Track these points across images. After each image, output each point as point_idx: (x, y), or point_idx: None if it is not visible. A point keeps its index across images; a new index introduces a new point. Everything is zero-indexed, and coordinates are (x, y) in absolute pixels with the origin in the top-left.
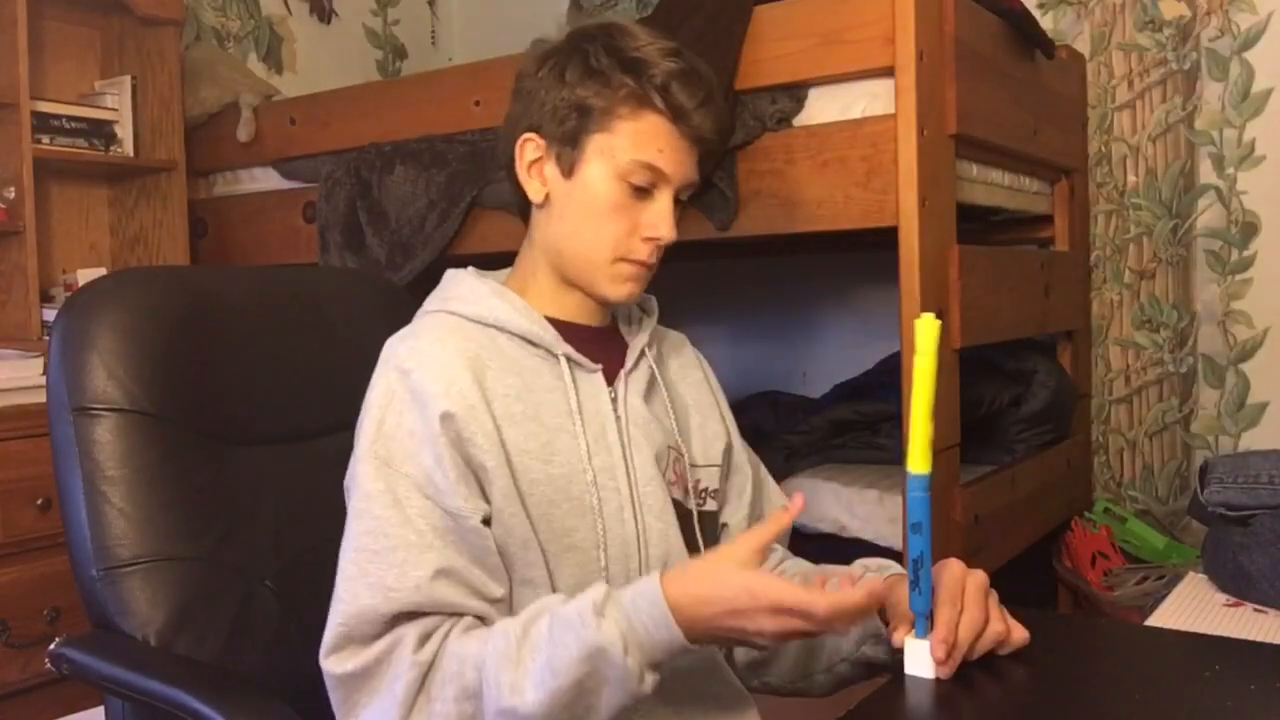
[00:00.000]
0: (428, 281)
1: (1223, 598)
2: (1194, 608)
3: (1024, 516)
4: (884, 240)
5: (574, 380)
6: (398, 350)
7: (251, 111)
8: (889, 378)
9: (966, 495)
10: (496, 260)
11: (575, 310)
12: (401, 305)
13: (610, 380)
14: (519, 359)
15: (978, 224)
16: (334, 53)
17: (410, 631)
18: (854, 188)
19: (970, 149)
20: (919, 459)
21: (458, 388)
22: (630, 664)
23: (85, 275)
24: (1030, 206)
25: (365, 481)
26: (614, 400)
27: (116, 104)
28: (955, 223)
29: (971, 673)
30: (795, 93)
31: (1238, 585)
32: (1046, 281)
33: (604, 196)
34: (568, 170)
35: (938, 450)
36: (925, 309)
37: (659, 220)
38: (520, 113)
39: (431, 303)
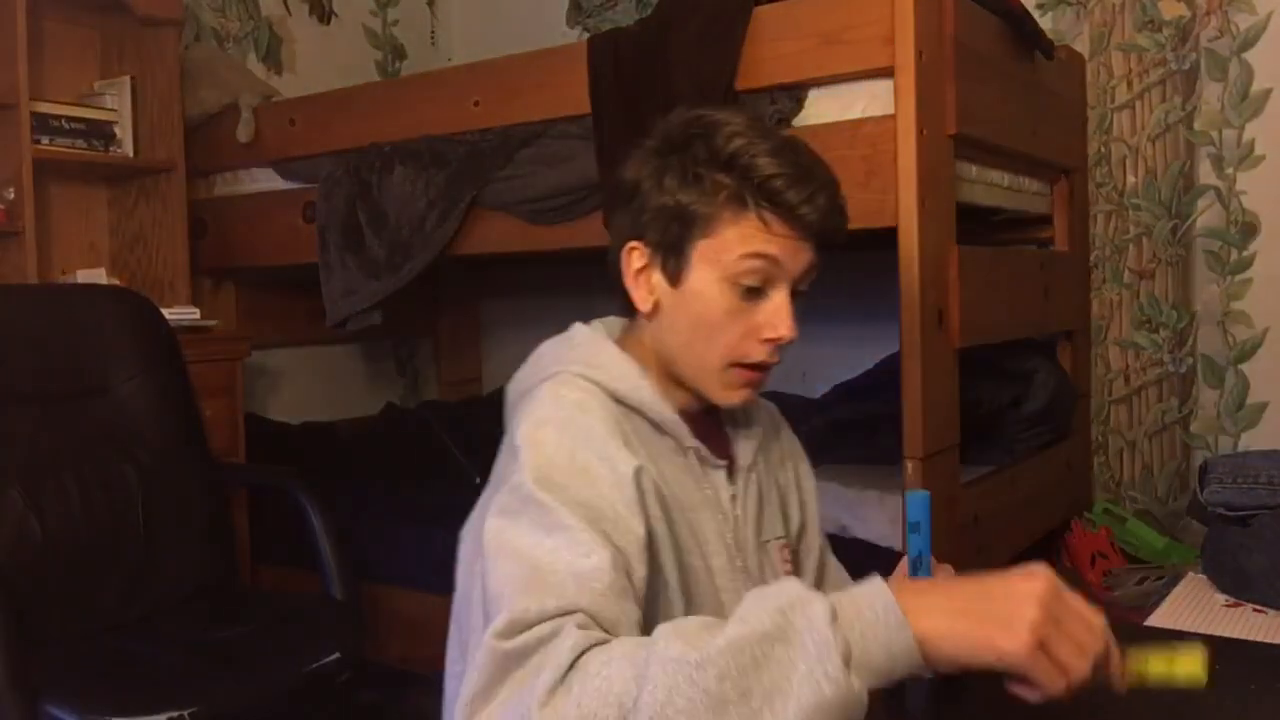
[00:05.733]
0: (427, 281)
1: (1222, 598)
2: (1194, 608)
3: (1023, 517)
4: (884, 240)
5: (704, 474)
6: (553, 415)
7: (251, 112)
8: (889, 378)
9: (966, 495)
10: (496, 260)
11: (683, 401)
12: None
13: (730, 475)
14: (652, 444)
15: (978, 224)
16: (334, 53)
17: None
18: (854, 188)
19: (970, 149)
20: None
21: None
22: (831, 635)
23: (85, 276)
24: (1030, 206)
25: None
26: (733, 498)
27: (116, 104)
28: (955, 223)
29: (971, 673)
30: (795, 93)
31: (1237, 585)
32: (1046, 282)
33: (714, 303)
34: (674, 279)
35: (937, 450)
36: (925, 309)
37: (777, 320)
38: (625, 220)
39: (571, 364)
